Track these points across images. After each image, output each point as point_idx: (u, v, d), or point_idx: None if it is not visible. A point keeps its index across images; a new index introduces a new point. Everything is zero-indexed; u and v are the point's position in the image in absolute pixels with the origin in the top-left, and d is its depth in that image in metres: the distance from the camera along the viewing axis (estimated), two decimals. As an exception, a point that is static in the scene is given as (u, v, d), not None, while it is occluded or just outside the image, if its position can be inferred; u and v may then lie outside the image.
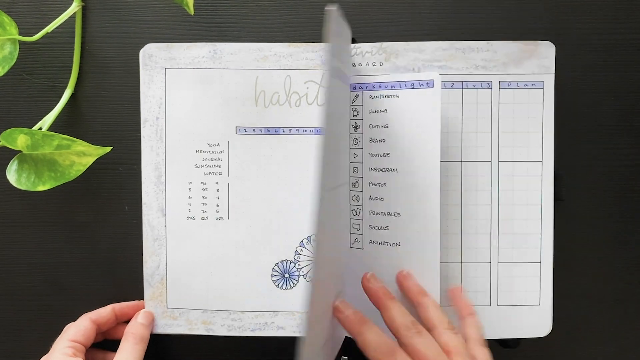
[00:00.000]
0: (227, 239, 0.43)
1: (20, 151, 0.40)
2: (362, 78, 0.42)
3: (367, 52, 0.42)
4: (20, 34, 0.41)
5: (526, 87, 0.42)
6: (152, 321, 0.43)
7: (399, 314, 0.38)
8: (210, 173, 0.43)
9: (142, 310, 0.44)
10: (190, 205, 0.43)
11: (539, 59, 0.42)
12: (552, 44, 0.42)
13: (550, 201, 0.42)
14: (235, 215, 0.43)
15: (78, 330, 0.41)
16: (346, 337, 0.43)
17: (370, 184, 0.42)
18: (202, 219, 0.43)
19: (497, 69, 0.42)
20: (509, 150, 0.43)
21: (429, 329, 0.38)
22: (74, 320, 0.42)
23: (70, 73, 0.44)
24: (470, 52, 0.42)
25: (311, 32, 0.45)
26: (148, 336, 0.42)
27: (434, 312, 0.39)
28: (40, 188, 0.40)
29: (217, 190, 0.43)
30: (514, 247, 0.43)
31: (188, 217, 0.43)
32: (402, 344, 0.37)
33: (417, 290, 0.40)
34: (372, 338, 0.37)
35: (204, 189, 0.43)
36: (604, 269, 0.45)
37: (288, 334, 0.43)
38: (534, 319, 0.43)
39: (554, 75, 0.42)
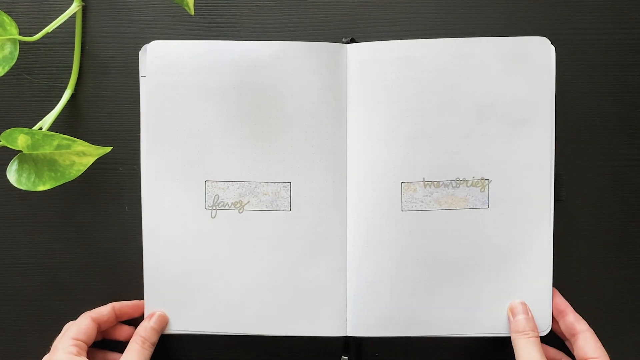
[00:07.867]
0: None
1: (21, 151, 0.40)
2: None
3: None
4: (20, 34, 0.41)
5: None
6: (164, 326, 0.43)
7: None
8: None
9: (158, 313, 0.43)
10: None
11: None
12: (550, 43, 0.41)
13: (550, 202, 0.42)
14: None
15: (80, 329, 0.40)
16: (346, 337, 0.43)
17: None
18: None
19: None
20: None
21: None
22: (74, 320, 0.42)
23: (70, 73, 0.44)
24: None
25: (311, 32, 0.45)
26: (157, 341, 0.42)
27: None
28: (41, 188, 0.40)
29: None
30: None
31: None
32: None
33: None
34: None
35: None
36: (603, 270, 0.45)
37: (288, 333, 0.43)
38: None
39: (554, 73, 0.42)
